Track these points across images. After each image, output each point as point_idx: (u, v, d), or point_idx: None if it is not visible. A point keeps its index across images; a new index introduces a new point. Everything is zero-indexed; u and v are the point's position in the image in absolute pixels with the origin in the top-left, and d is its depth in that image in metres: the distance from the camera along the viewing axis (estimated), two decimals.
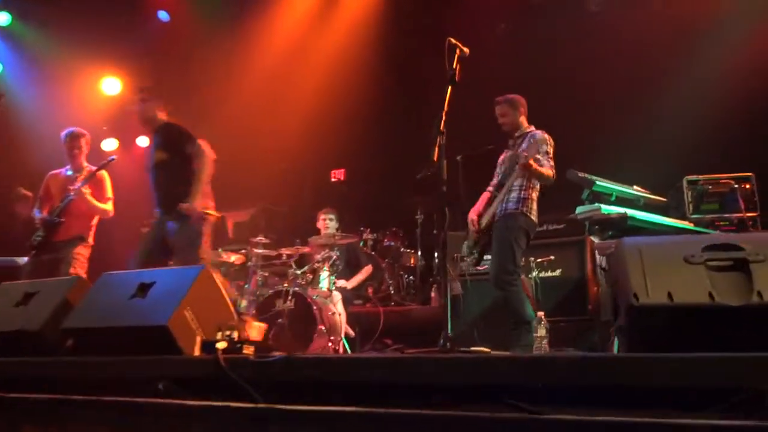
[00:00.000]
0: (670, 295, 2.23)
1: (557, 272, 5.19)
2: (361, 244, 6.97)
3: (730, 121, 5.67)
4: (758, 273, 2.22)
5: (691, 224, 4.99)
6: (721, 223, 5.22)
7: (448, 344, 2.95)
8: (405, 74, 8.26)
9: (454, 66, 3.45)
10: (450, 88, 3.39)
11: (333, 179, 9.49)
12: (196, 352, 3.11)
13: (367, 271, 6.63)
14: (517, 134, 4.59)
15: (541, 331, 3.15)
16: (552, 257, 5.18)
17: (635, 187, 5.32)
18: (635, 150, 5.81)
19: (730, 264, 2.29)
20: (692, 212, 5.28)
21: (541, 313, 3.26)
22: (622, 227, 4.35)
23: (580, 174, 4.91)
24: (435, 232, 7.65)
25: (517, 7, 8.05)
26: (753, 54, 5.71)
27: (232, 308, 3.41)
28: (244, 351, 2.97)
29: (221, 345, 2.86)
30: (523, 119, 4.60)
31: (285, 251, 5.91)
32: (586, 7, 7.85)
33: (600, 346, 4.51)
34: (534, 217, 4.43)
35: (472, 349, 3.08)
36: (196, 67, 8.04)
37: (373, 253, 7.24)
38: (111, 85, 7.94)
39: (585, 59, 6.71)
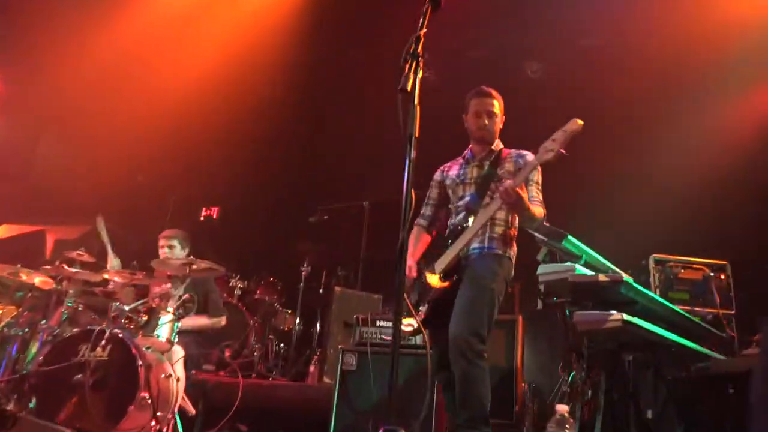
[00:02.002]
0: None
1: None
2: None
3: (704, 202, 4.83)
4: None
5: None
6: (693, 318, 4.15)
7: None
8: (301, 106, 6.87)
9: None
10: (429, 9, 2.03)
11: (203, 217, 7.78)
12: None
13: (215, 322, 4.73)
14: (491, 147, 3.33)
15: None
16: None
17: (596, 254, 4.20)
18: (598, 218, 4.81)
19: None
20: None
21: (563, 408, 1.83)
22: (608, 298, 3.08)
23: (545, 223, 3.68)
24: (321, 291, 6.17)
25: (450, 57, 7.03)
26: (728, 136, 4.97)
27: None
28: None
29: None
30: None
31: (115, 276, 4.09)
32: (523, 72, 7.12)
33: None
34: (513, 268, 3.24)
35: None
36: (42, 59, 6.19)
37: (239, 305, 5.54)
38: None
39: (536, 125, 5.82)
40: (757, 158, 5.02)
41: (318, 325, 5.90)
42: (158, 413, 3.33)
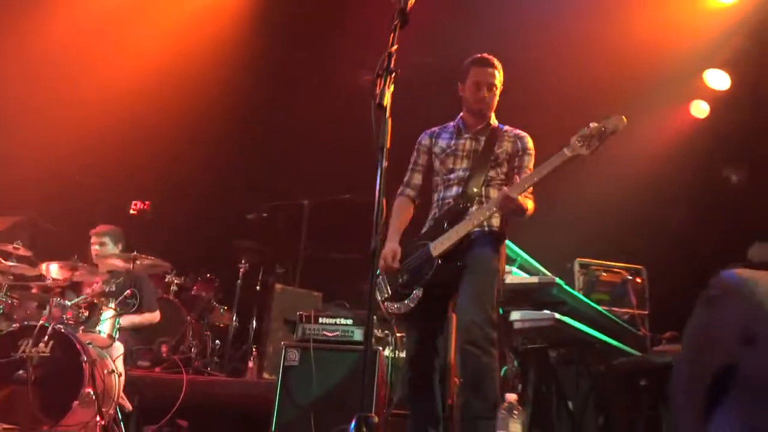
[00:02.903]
0: None
1: None
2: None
3: (624, 211, 5.20)
4: None
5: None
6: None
7: None
8: (240, 105, 6.85)
9: (405, 2, 2.24)
10: (398, 24, 2.17)
11: (133, 210, 7.61)
12: None
13: (150, 318, 4.73)
14: (488, 121, 3.15)
15: (514, 427, 1.90)
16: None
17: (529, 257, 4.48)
18: (528, 223, 5.08)
19: None
20: None
21: (512, 397, 2.02)
22: (540, 299, 3.33)
23: None
24: (258, 288, 6.22)
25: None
26: (646, 150, 5.39)
27: None
28: None
29: None
30: None
31: (53, 271, 4.02)
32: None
33: None
34: None
35: None
36: None
37: (176, 301, 5.52)
38: None
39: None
40: (669, 172, 5.47)
41: (254, 321, 5.93)
42: (103, 408, 3.33)
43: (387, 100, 1.97)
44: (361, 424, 1.70)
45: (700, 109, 5.95)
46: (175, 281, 5.69)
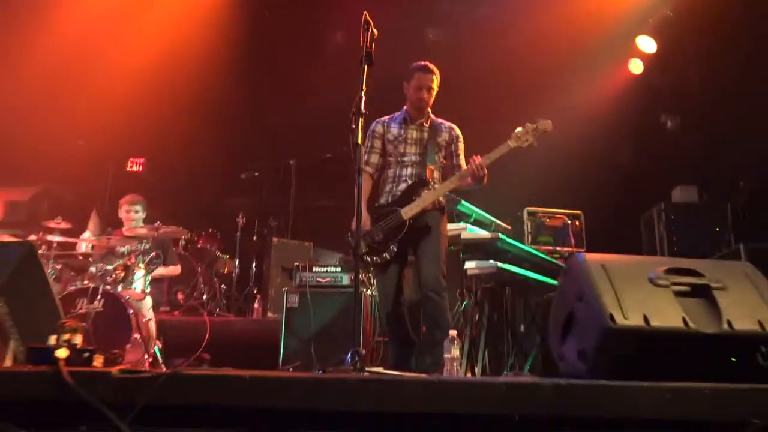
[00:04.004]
0: (646, 319, 2.04)
1: None
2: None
3: (567, 162, 6.02)
4: (723, 301, 2.13)
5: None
6: (554, 255, 5.44)
7: (358, 363, 2.42)
8: (237, 64, 7.52)
9: (369, 44, 3.01)
10: (366, 67, 2.94)
11: (130, 169, 8.30)
12: (9, 362, 2.21)
13: (173, 271, 5.65)
14: (428, 116, 4.04)
15: (455, 351, 2.82)
16: None
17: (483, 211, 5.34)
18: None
19: (693, 289, 2.19)
20: (530, 242, 5.45)
21: (453, 332, 2.93)
22: (490, 250, 4.23)
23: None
24: (255, 238, 7.07)
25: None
26: (591, 105, 6.17)
27: (59, 305, 2.53)
28: (95, 362, 2.17)
29: (62, 353, 2.03)
30: None
31: (89, 240, 4.82)
32: (425, 36, 7.99)
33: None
34: None
35: (369, 369, 2.61)
36: None
37: (185, 253, 6.36)
38: None
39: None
40: (608, 128, 6.31)
41: (254, 267, 6.82)
42: (149, 349, 4.24)
43: (360, 137, 2.77)
44: (355, 355, 2.47)
45: (637, 65, 6.74)
46: (183, 236, 6.50)
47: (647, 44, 6.27)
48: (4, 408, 1.92)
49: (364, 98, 2.85)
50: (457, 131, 4.08)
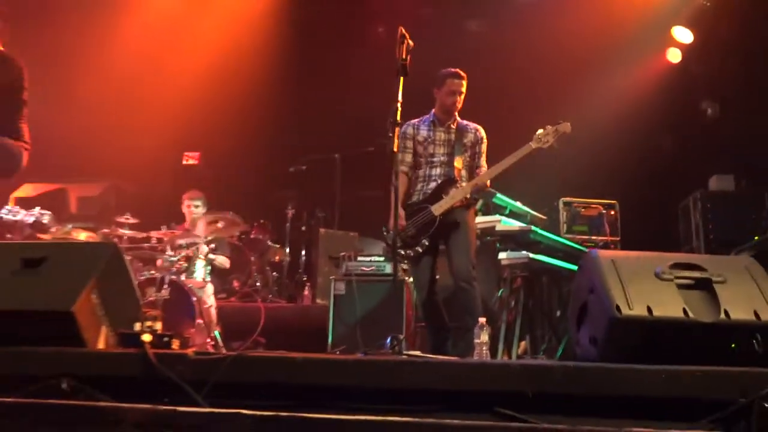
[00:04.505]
0: (649, 309, 2.30)
1: None
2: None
3: (602, 151, 6.17)
4: (722, 293, 2.37)
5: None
6: (589, 245, 5.64)
7: (397, 347, 2.75)
8: (284, 63, 7.89)
9: (405, 56, 3.30)
10: (402, 78, 3.24)
11: (186, 162, 8.80)
12: (102, 345, 2.62)
13: (224, 263, 6.08)
14: (455, 118, 4.36)
15: (484, 337, 3.12)
16: None
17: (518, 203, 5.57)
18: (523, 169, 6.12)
19: (695, 283, 2.42)
20: (565, 232, 5.66)
21: (483, 319, 3.23)
22: (522, 240, 4.50)
23: None
24: (304, 228, 7.47)
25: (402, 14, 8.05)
26: (627, 95, 6.30)
27: (139, 295, 2.94)
28: (173, 346, 2.56)
29: (147, 338, 2.43)
30: None
31: (155, 234, 5.29)
32: (466, 27, 8.18)
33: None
34: None
35: (407, 353, 2.93)
36: (60, 28, 7.00)
37: (239, 244, 6.80)
38: None
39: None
40: (644, 117, 6.43)
41: (303, 256, 7.22)
42: (212, 334, 4.68)
43: (396, 145, 3.08)
44: (393, 340, 2.80)
45: (675, 54, 6.81)
46: (238, 229, 6.94)
47: (683, 34, 6.35)
48: (99, 382, 2.33)
49: (399, 109, 3.14)
50: (482, 133, 4.38)
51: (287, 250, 7.12)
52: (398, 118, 3.17)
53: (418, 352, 2.90)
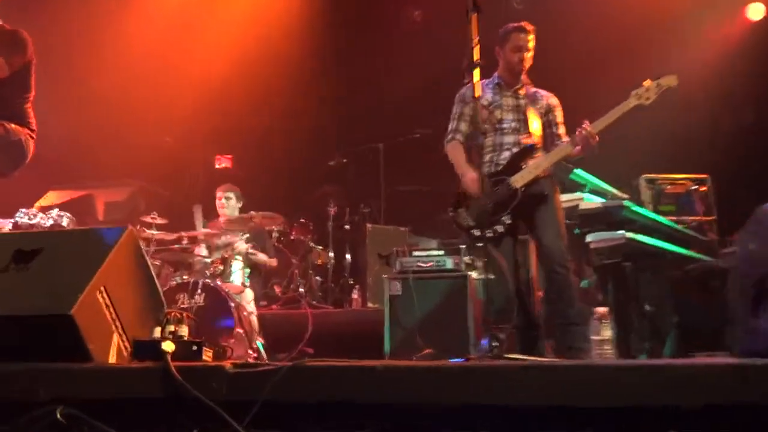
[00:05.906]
0: None
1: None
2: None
3: (687, 122, 5.43)
4: None
5: None
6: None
7: (495, 349, 2.08)
8: (317, 53, 7.30)
9: None
10: (475, 15, 2.58)
11: (218, 165, 8.30)
12: (113, 359, 2.01)
13: (271, 262, 5.49)
14: (522, 81, 3.71)
15: (605, 332, 2.43)
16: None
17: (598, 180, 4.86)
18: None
19: None
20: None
21: (604, 309, 2.54)
22: (613, 220, 3.78)
23: None
24: (348, 226, 6.84)
25: None
26: (710, 58, 5.55)
27: (161, 293, 2.34)
28: (204, 356, 1.93)
29: (168, 347, 1.80)
30: None
31: (186, 234, 4.72)
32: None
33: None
34: None
35: (506, 356, 2.26)
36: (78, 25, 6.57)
37: (279, 246, 6.21)
38: None
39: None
40: (731, 86, 5.65)
41: (348, 257, 6.58)
42: (253, 344, 4.06)
43: (478, 91, 2.42)
44: (492, 338, 2.15)
45: (757, 10, 6.01)
46: (276, 228, 6.35)
47: None
48: (107, 408, 1.72)
49: (478, 46, 2.48)
50: (555, 99, 3.73)
51: (331, 253, 6.48)
52: (477, 57, 2.49)
53: (519, 356, 2.22)
